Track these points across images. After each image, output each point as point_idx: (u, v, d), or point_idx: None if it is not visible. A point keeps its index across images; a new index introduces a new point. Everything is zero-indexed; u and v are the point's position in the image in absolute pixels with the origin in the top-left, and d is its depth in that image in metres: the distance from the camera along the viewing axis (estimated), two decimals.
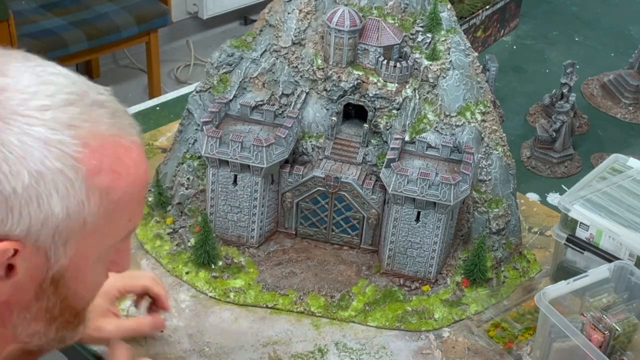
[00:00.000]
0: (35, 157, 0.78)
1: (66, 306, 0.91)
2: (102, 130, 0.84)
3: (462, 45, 1.80)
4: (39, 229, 0.80)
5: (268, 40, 1.86)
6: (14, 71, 0.83)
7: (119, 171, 0.85)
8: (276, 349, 1.66)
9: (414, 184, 1.67)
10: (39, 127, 0.79)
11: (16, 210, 0.79)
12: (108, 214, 0.85)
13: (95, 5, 3.90)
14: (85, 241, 0.85)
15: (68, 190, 0.80)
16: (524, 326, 1.75)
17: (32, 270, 0.84)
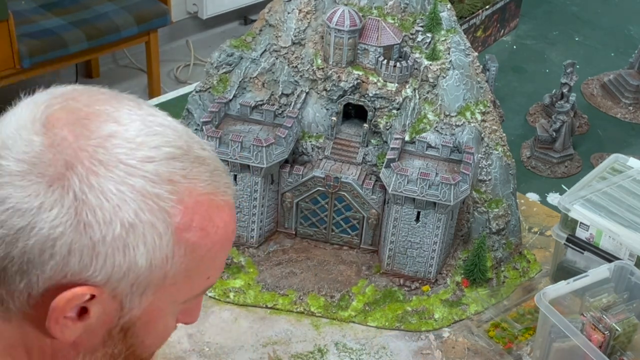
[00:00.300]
0: (130, 208, 0.78)
1: (131, 354, 0.91)
2: (199, 188, 0.83)
3: (462, 45, 1.80)
4: (119, 278, 0.80)
5: (268, 40, 1.86)
6: (125, 119, 0.82)
7: (207, 230, 0.84)
8: (276, 349, 1.66)
9: (414, 184, 1.67)
10: (138, 178, 0.79)
11: (101, 257, 0.78)
12: (189, 270, 0.85)
13: (95, 5, 3.90)
14: (161, 294, 0.85)
15: (155, 243, 0.80)
16: (524, 326, 1.74)
17: (105, 316, 0.83)
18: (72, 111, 0.81)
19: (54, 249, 0.77)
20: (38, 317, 0.82)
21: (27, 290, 0.79)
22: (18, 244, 0.77)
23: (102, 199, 0.77)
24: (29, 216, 0.76)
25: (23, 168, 0.77)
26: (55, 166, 0.77)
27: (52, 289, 0.79)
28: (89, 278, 0.79)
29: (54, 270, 0.78)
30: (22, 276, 0.78)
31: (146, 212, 0.79)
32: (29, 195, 0.76)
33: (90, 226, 0.77)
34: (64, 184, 0.77)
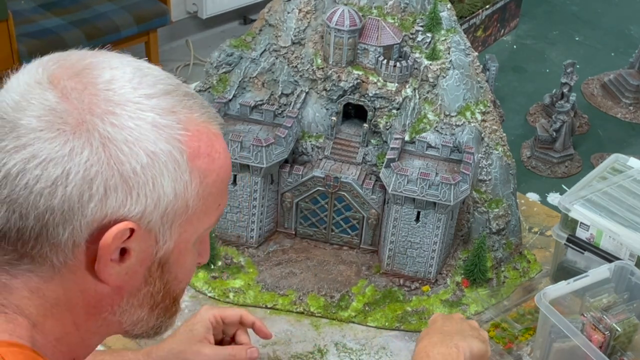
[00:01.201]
0: (150, 139, 0.83)
1: (167, 291, 0.95)
2: (196, 118, 0.89)
3: (462, 45, 1.80)
4: (152, 211, 0.85)
5: (267, 39, 1.86)
6: (117, 65, 0.89)
7: (212, 155, 0.90)
8: (275, 350, 1.66)
9: (414, 184, 1.67)
10: (148, 112, 0.85)
11: (134, 191, 0.83)
12: (205, 198, 0.90)
13: (94, 5, 3.90)
14: (186, 224, 0.89)
15: (176, 171, 0.85)
16: (524, 326, 1.74)
17: (143, 253, 0.88)
18: (69, 67, 0.87)
19: (91, 190, 0.81)
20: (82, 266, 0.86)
21: (72, 239, 0.83)
22: (57, 193, 0.80)
23: (125, 134, 0.82)
24: (63, 163, 0.80)
25: (45, 122, 0.81)
26: (75, 113, 0.82)
27: (94, 232, 0.83)
28: (126, 214, 0.83)
29: (95, 212, 0.82)
30: (64, 226, 0.82)
31: (162, 141, 0.84)
32: (58, 144, 0.80)
33: (120, 161, 0.82)
34: (88, 127, 0.81)
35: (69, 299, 0.88)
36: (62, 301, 0.88)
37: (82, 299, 0.89)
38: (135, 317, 0.94)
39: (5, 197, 0.81)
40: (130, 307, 0.93)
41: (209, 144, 0.90)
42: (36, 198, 0.80)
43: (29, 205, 0.81)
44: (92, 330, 0.92)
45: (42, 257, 0.84)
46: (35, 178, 0.80)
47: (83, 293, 0.88)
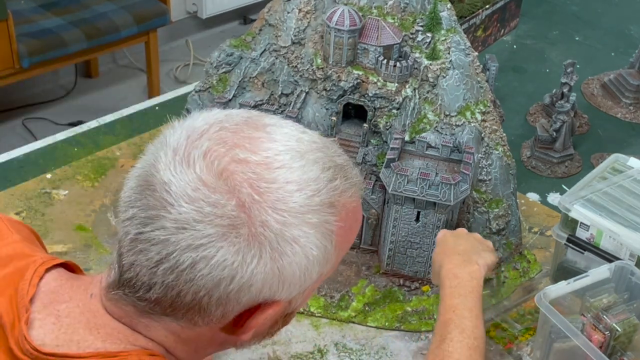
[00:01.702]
0: (313, 245, 0.89)
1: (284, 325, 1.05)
2: (349, 200, 0.94)
3: (462, 45, 1.80)
4: (298, 293, 0.93)
5: (267, 39, 1.86)
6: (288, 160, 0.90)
7: (354, 229, 0.97)
8: (275, 350, 1.66)
9: (414, 184, 1.67)
10: (313, 215, 0.89)
11: (287, 284, 0.90)
12: (335, 264, 0.97)
13: (94, 5, 3.90)
14: (317, 283, 0.97)
15: (325, 260, 0.92)
16: (524, 326, 1.74)
17: (277, 314, 0.95)
18: (242, 163, 0.88)
19: (250, 289, 0.88)
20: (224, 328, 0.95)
21: (222, 315, 0.90)
22: (220, 288, 0.87)
23: (294, 244, 0.88)
24: (231, 269, 0.86)
25: (218, 229, 0.85)
26: (249, 225, 0.86)
27: (244, 311, 0.91)
28: (275, 299, 0.91)
29: (249, 300, 0.89)
30: (218, 306, 0.89)
31: (321, 239, 0.90)
32: (230, 253, 0.85)
33: (284, 267, 0.88)
34: (261, 240, 0.86)
35: (201, 340, 0.97)
36: (192, 340, 0.96)
37: (210, 340, 0.98)
38: (253, 342, 1.04)
39: (169, 281, 0.87)
40: (252, 342, 1.02)
41: (354, 219, 0.96)
42: (197, 287, 0.86)
43: (190, 291, 0.87)
44: (209, 352, 1.03)
45: (188, 317, 0.91)
46: (201, 276, 0.86)
47: (214, 337, 0.97)
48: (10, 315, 0.93)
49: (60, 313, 0.93)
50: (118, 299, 0.93)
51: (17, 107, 4.20)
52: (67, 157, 2.16)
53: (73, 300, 0.95)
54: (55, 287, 0.97)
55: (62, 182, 2.06)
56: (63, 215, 1.95)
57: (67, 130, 2.29)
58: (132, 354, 0.90)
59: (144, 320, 0.93)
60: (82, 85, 4.45)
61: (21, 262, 0.99)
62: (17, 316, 0.92)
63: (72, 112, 4.22)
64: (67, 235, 1.89)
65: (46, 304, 0.94)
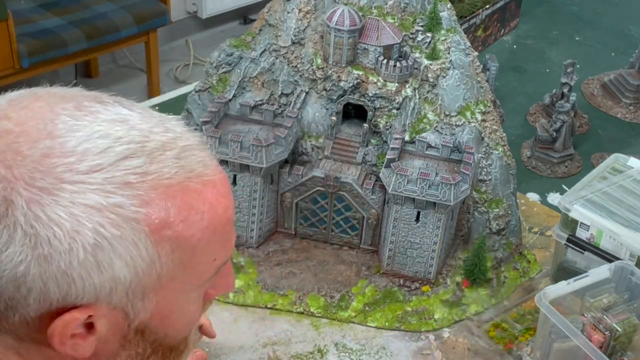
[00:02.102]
0: (88, 229, 0.73)
1: (158, 346, 0.87)
2: (166, 181, 0.77)
3: (462, 45, 1.80)
4: (107, 293, 0.76)
5: (267, 39, 1.86)
6: (61, 129, 0.75)
7: (189, 219, 0.78)
8: (275, 350, 1.66)
9: (414, 184, 1.67)
10: (89, 194, 0.73)
11: (79, 281, 0.74)
12: (185, 263, 0.80)
13: (94, 5, 3.90)
14: (164, 292, 0.80)
15: (132, 252, 0.75)
16: (524, 326, 1.74)
17: (113, 325, 0.80)
18: (2, 135, 0.74)
19: (27, 285, 0.73)
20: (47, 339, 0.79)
21: (24, 322, 0.76)
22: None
23: (54, 227, 0.72)
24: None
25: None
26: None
27: (45, 316, 0.76)
28: (75, 301, 0.75)
29: (38, 302, 0.74)
30: (12, 311, 0.75)
31: (107, 226, 0.73)
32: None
33: (52, 257, 0.72)
34: (9, 223, 0.72)
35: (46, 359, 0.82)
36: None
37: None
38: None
39: None
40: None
41: (183, 207, 0.77)
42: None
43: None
44: None
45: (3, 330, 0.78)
46: None
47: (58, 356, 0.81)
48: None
49: None
50: None
51: None
52: None
53: None
54: None
55: None
56: None
57: None
58: None
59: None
60: (82, 85, 4.42)
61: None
62: None
63: None
64: None
65: None
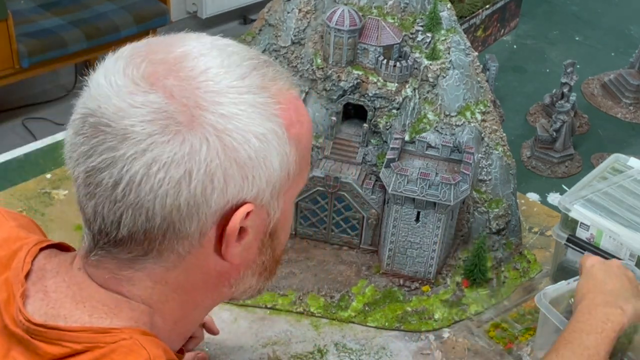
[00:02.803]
0: (256, 121, 0.86)
1: (274, 255, 1.00)
2: (282, 87, 0.91)
3: (462, 45, 1.80)
4: (264, 189, 0.88)
5: (267, 39, 1.86)
6: (203, 51, 0.89)
7: (301, 120, 0.93)
8: (275, 350, 1.66)
9: (414, 184, 1.67)
10: (246, 95, 0.86)
11: (250, 175, 0.86)
12: (300, 162, 0.93)
13: (94, 5, 3.90)
14: (289, 192, 0.93)
15: (279, 145, 0.88)
16: (524, 326, 1.74)
17: (258, 228, 0.92)
18: (161, 62, 0.87)
19: (213, 184, 0.84)
20: (206, 251, 0.90)
21: (198, 230, 0.86)
22: (182, 191, 0.83)
23: (235, 122, 0.84)
24: (184, 163, 0.82)
25: (159, 125, 0.82)
26: (185, 111, 0.83)
27: (218, 219, 0.86)
28: (245, 197, 0.86)
29: (218, 202, 0.85)
30: (191, 219, 0.85)
31: (265, 120, 0.87)
32: (176, 145, 0.82)
33: (235, 149, 0.84)
34: (201, 122, 0.83)
35: (191, 282, 0.93)
36: (183, 285, 0.92)
37: (203, 280, 0.93)
38: (247, 285, 0.99)
39: (131, 203, 0.83)
40: (245, 277, 0.97)
41: (296, 110, 0.92)
42: (162, 200, 0.83)
43: (155, 207, 0.83)
44: (208, 305, 0.99)
45: (168, 250, 0.87)
46: (159, 182, 0.82)
47: (205, 275, 0.93)
48: (4, 293, 0.93)
49: (47, 288, 0.93)
50: (98, 260, 0.91)
51: (17, 107, 4.19)
52: None
53: (60, 274, 0.95)
54: (44, 264, 0.96)
55: (62, 182, 2.06)
56: (63, 215, 1.95)
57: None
58: (124, 331, 0.88)
59: (127, 273, 0.90)
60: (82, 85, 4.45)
61: (15, 244, 0.99)
62: (12, 293, 0.92)
63: (72, 112, 4.20)
64: (67, 235, 1.89)
65: (35, 281, 0.94)
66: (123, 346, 0.87)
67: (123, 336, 0.88)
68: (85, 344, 0.87)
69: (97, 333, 0.88)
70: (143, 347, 0.87)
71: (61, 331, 0.88)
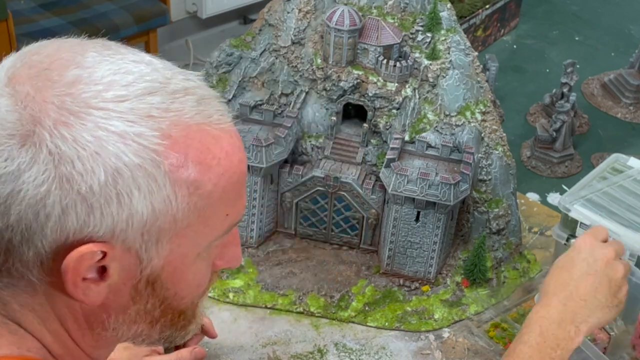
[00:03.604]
0: (110, 153, 0.74)
1: (167, 307, 0.87)
2: (186, 120, 0.78)
3: (462, 45, 1.80)
4: (124, 229, 0.76)
5: (267, 39, 1.86)
6: (90, 61, 0.78)
7: (207, 163, 0.79)
8: (275, 350, 1.66)
9: (414, 184, 1.67)
10: (114, 121, 0.75)
11: (97, 210, 0.75)
12: (200, 210, 0.80)
13: (94, 5, 3.89)
14: (178, 240, 0.81)
15: (150, 186, 0.76)
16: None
17: (125, 272, 0.80)
18: (34, 65, 0.77)
19: (46, 209, 0.74)
20: (59, 284, 0.79)
21: (38, 258, 0.77)
22: (11, 211, 0.74)
23: (78, 148, 0.73)
24: (12, 180, 0.73)
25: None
26: (23, 124, 0.74)
27: (60, 252, 0.76)
28: (92, 234, 0.76)
29: (55, 232, 0.75)
30: (27, 244, 0.76)
31: (129, 154, 0.75)
32: (5, 160, 0.74)
33: (74, 179, 0.74)
34: (35, 141, 0.73)
35: (59, 314, 0.83)
36: (52, 317, 0.83)
37: (70, 315, 0.84)
38: (132, 332, 0.87)
39: None
40: (122, 323, 0.86)
41: (201, 149, 0.78)
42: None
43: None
44: (91, 344, 0.87)
45: (17, 272, 0.78)
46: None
47: (69, 309, 0.83)
48: None
49: None
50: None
51: None
52: None
53: None
54: None
55: None
56: None
57: None
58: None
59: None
60: None
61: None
62: None
63: None
64: None
65: None
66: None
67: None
68: None
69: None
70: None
71: None
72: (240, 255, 0.94)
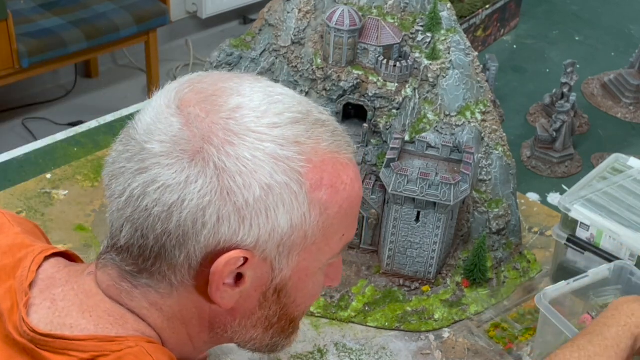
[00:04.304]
0: (265, 171, 0.85)
1: (284, 314, 0.98)
2: (323, 148, 0.91)
3: (462, 45, 1.80)
4: (266, 240, 0.87)
5: (267, 39, 1.86)
6: (248, 91, 0.90)
7: (337, 187, 0.91)
8: None
9: (414, 184, 1.67)
10: (268, 143, 0.86)
11: (247, 221, 0.85)
12: (326, 229, 0.91)
13: (94, 5, 3.90)
14: (305, 254, 0.91)
15: (293, 203, 0.87)
16: (524, 326, 1.74)
17: (259, 280, 0.91)
18: (200, 91, 0.89)
19: (204, 218, 0.84)
20: (198, 287, 0.90)
21: (187, 262, 0.87)
22: (173, 218, 0.84)
23: (240, 165, 0.84)
24: (178, 190, 0.84)
25: (166, 148, 0.85)
26: (194, 141, 0.85)
27: (208, 257, 0.86)
28: (239, 242, 0.86)
29: (208, 239, 0.85)
30: (180, 249, 0.86)
31: (280, 173, 0.86)
32: (175, 172, 0.84)
33: (233, 192, 0.84)
34: (204, 156, 0.84)
35: (184, 315, 0.93)
36: (177, 316, 0.93)
37: (197, 316, 0.94)
38: (248, 336, 0.98)
39: (129, 215, 0.87)
40: (243, 328, 0.97)
41: (333, 175, 0.91)
42: (154, 220, 0.85)
43: (149, 226, 0.86)
44: (204, 340, 0.98)
45: (160, 274, 0.89)
46: (154, 202, 0.84)
47: (198, 310, 0.93)
48: (8, 302, 0.94)
49: (55, 297, 0.94)
50: (105, 264, 0.94)
51: (17, 107, 4.19)
52: (67, 157, 2.16)
53: (69, 283, 0.96)
54: (52, 273, 0.98)
55: (62, 182, 2.06)
56: (63, 215, 1.95)
57: (67, 130, 2.29)
58: (129, 339, 0.89)
59: (126, 286, 0.92)
60: (82, 85, 4.45)
61: (21, 252, 1.00)
62: (15, 302, 0.93)
63: (72, 112, 4.21)
64: (67, 235, 1.89)
65: (43, 290, 0.95)
66: (129, 354, 0.88)
67: (129, 344, 0.89)
68: (92, 353, 0.88)
69: (103, 341, 0.89)
70: (149, 355, 0.88)
71: (67, 340, 0.89)
72: (340, 278, 1.06)
